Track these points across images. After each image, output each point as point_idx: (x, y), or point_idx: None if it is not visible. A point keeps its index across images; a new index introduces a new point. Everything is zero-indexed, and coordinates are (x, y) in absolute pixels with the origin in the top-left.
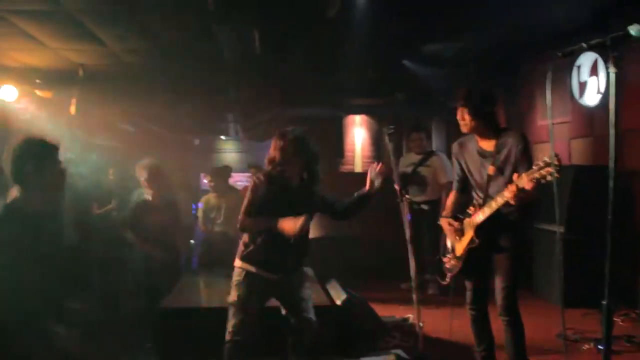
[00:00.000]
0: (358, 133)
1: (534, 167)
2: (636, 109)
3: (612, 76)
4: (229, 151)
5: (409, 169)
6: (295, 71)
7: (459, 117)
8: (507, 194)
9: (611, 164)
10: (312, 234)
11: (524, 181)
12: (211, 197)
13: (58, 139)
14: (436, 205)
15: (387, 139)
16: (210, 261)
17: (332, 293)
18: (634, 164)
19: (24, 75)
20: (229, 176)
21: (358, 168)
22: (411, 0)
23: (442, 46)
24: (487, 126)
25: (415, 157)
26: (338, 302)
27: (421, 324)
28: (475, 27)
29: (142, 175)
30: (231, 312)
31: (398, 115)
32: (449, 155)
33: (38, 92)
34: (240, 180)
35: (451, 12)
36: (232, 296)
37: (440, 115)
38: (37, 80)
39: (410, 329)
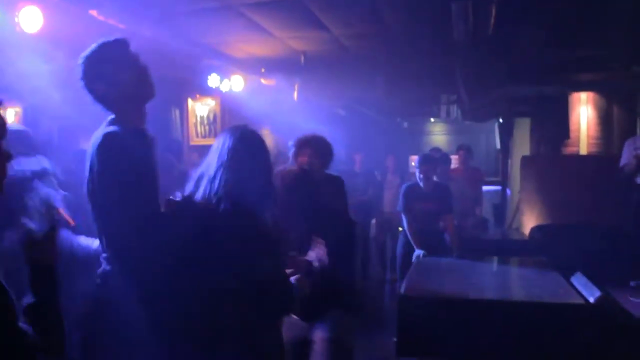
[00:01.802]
0: (583, 112)
1: None
2: None
3: None
4: (438, 134)
5: None
6: (526, 48)
7: None
8: None
9: None
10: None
11: None
12: None
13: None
14: None
15: None
16: None
17: (581, 289)
18: None
19: (251, 65)
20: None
21: (583, 150)
22: None
23: None
24: None
25: None
26: (591, 300)
27: None
28: None
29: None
30: None
31: (632, 91)
32: None
33: (263, 81)
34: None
35: None
36: None
37: None
38: (262, 69)
39: None
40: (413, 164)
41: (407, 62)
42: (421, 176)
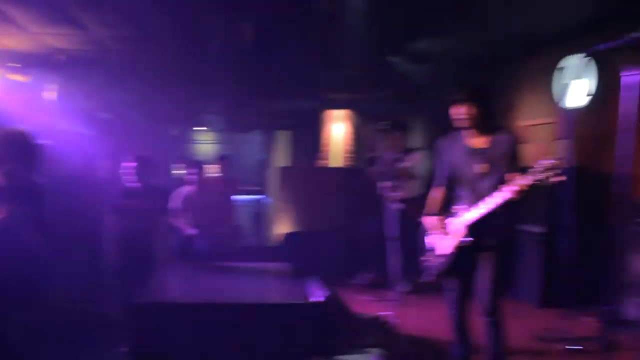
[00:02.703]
0: (339, 128)
1: (535, 167)
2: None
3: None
4: (205, 143)
5: (388, 167)
6: (282, 65)
7: (459, 112)
8: (508, 192)
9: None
10: (288, 228)
11: (527, 180)
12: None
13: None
14: (413, 203)
15: (380, 135)
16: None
17: (309, 290)
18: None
19: (4, 59)
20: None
21: (334, 163)
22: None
23: (428, 44)
24: (485, 123)
25: (393, 155)
26: (315, 300)
27: (397, 322)
28: (462, 26)
29: None
30: None
31: (381, 111)
32: (433, 152)
33: (16, 77)
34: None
35: (439, 11)
36: None
37: (422, 112)
38: (14, 64)
39: (387, 326)
40: (177, 171)
41: (169, 68)
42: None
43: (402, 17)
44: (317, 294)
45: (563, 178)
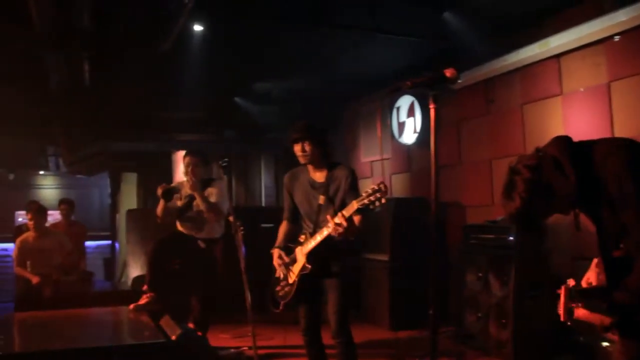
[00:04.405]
0: None
1: (363, 194)
2: (448, 147)
3: (432, 111)
4: (48, 187)
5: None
6: (124, 104)
7: (298, 149)
8: (337, 220)
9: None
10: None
11: (353, 207)
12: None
13: None
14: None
15: (221, 172)
16: None
17: (166, 328)
18: (446, 197)
19: None
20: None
21: None
22: (244, 41)
23: (271, 85)
24: (322, 158)
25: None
26: (173, 337)
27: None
28: (305, 69)
29: None
30: None
31: (228, 151)
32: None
33: None
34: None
35: (282, 54)
36: None
37: (268, 150)
38: None
39: (247, 358)
40: (20, 219)
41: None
42: None
43: (247, 59)
44: (172, 333)
45: (384, 201)
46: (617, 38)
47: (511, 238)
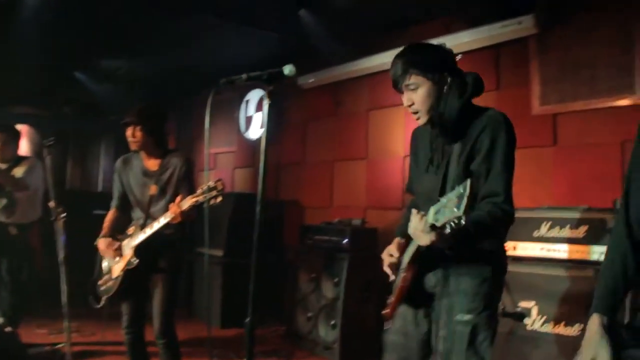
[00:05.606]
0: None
1: (198, 191)
2: (294, 145)
3: (266, 107)
4: None
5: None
6: None
7: (129, 134)
8: (169, 215)
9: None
10: None
11: (187, 203)
12: None
13: None
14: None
15: (45, 152)
16: None
17: None
18: (287, 195)
19: None
20: None
21: None
22: (90, 14)
23: (118, 63)
24: (156, 145)
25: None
26: None
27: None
28: (152, 49)
29: None
30: None
31: (65, 130)
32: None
33: None
34: None
35: (131, 31)
36: None
37: (109, 132)
38: None
39: (62, 356)
40: None
41: None
42: None
43: (91, 32)
44: None
45: (221, 199)
46: (460, 56)
47: (346, 241)
